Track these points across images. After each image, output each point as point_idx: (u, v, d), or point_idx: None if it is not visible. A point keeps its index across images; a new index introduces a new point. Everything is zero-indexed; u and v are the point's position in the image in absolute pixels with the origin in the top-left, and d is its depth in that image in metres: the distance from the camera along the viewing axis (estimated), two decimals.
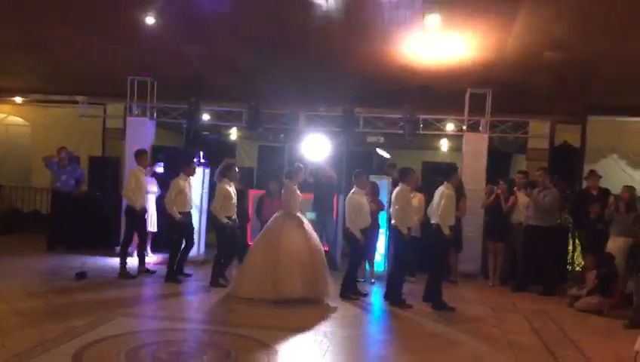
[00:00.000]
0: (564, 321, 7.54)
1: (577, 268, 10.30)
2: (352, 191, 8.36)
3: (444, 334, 6.76)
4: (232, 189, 8.60)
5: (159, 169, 10.32)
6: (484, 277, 10.00)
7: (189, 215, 9.13)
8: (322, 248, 8.25)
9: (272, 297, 7.60)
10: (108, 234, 11.05)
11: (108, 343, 5.65)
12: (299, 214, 8.19)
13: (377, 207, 9.28)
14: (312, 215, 9.88)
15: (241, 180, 9.56)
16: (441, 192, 7.97)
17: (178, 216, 8.72)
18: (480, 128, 10.72)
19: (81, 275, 8.58)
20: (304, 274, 7.75)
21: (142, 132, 11.15)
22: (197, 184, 9.99)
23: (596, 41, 8.58)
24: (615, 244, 8.81)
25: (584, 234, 9.83)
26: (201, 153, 10.91)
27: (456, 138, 12.37)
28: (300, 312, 7.32)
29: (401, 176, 8.30)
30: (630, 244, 8.62)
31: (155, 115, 11.55)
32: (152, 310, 7.32)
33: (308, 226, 8.18)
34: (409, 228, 8.06)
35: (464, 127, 10.80)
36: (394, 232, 8.15)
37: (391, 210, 8.32)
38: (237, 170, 8.90)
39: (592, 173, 10.10)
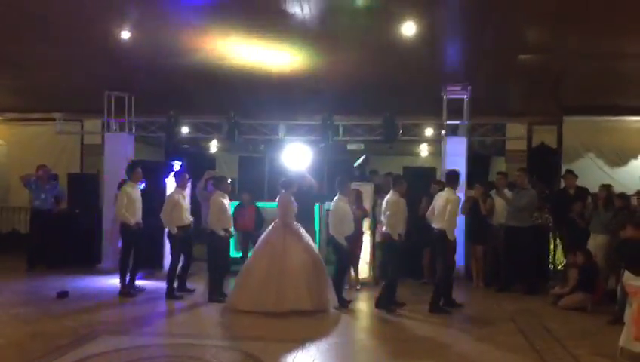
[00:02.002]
0: (548, 319, 7.61)
1: (559, 267, 10.41)
2: (336, 198, 8.39)
3: (432, 337, 6.78)
4: (226, 201, 8.58)
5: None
6: (468, 279, 10.06)
7: (187, 229, 8.89)
8: (321, 259, 8.14)
9: (273, 309, 7.48)
10: (88, 252, 10.94)
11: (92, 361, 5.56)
12: (296, 224, 8.10)
13: (362, 213, 9.33)
14: None
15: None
16: (446, 198, 8.01)
17: (175, 231, 8.61)
18: (459, 132, 10.82)
19: (63, 294, 8.46)
20: (310, 285, 7.69)
21: (120, 147, 11.09)
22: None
23: (569, 42, 8.73)
24: (595, 242, 8.97)
25: (565, 233, 9.95)
26: (177, 165, 10.78)
27: (435, 143, 12.46)
28: (287, 323, 7.28)
29: (394, 183, 8.36)
30: (609, 241, 8.75)
31: (134, 129, 11.48)
32: (138, 327, 7.19)
33: (307, 237, 8.11)
34: (400, 234, 8.09)
35: (443, 132, 10.90)
36: (387, 239, 8.17)
37: (382, 217, 8.37)
38: (229, 181, 8.99)
39: (569, 172, 10.27)
